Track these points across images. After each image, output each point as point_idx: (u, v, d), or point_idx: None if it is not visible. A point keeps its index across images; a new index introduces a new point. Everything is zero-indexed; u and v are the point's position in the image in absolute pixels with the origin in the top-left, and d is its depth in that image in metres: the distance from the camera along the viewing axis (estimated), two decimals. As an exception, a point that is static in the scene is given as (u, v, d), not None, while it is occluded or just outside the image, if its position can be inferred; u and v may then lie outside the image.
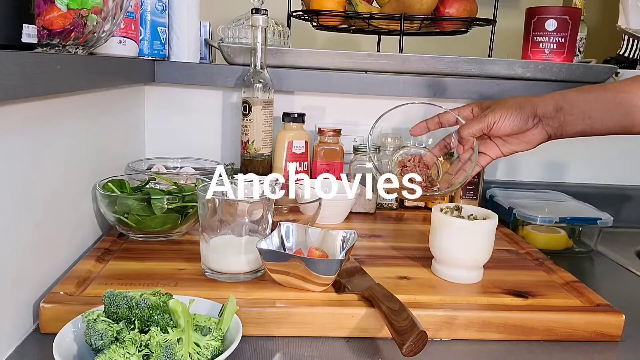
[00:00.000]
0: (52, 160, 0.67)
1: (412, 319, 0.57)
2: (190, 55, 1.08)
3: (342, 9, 1.16)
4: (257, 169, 1.06)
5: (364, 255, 0.81)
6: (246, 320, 0.58)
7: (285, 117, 1.06)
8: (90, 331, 0.50)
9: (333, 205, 0.94)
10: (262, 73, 1.03)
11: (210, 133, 1.16)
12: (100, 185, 0.82)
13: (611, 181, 1.22)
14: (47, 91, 0.59)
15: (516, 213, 0.97)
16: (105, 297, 0.53)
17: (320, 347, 0.60)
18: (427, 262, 0.79)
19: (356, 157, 1.05)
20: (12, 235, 0.57)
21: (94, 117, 0.82)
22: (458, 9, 1.17)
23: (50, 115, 0.66)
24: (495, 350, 0.62)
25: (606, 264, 0.94)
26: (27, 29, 0.53)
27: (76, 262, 0.72)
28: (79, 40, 0.64)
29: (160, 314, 0.51)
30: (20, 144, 0.58)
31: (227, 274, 0.68)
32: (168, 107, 1.14)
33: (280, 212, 0.81)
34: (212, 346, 0.50)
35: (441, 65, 1.11)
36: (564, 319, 0.64)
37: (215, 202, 0.69)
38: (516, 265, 0.80)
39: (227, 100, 1.15)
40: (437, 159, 0.83)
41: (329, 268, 0.64)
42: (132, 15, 0.91)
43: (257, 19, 1.00)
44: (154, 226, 0.80)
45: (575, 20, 1.13)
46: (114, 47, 0.87)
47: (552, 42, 1.13)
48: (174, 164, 1.07)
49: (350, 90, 1.12)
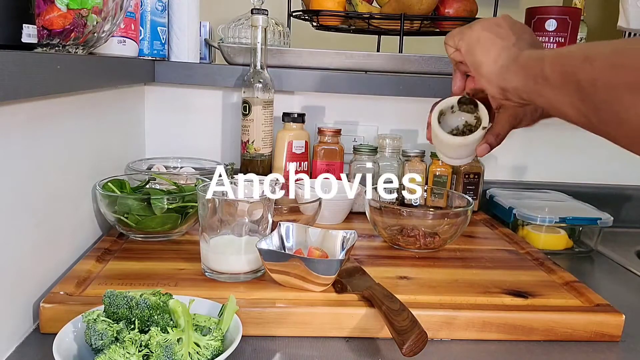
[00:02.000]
0: (52, 160, 0.67)
1: (412, 319, 0.57)
2: (190, 55, 1.08)
3: (342, 9, 1.16)
4: (257, 169, 1.06)
5: (364, 255, 0.81)
6: (246, 320, 0.58)
7: (285, 117, 1.06)
8: (90, 331, 0.50)
9: (333, 205, 0.94)
10: (262, 73, 1.03)
11: (210, 133, 1.16)
12: (100, 185, 0.82)
13: (611, 181, 1.22)
14: (47, 91, 0.59)
15: (516, 213, 0.97)
16: (105, 297, 0.53)
17: (320, 347, 0.60)
18: (428, 262, 0.79)
19: (356, 157, 1.05)
20: (12, 235, 0.57)
21: (94, 117, 0.81)
22: (458, 9, 1.17)
23: (50, 115, 0.66)
24: (495, 350, 0.62)
25: (606, 264, 0.94)
26: (27, 29, 0.53)
27: (76, 262, 0.72)
28: (79, 40, 0.64)
29: (160, 314, 0.51)
30: (20, 144, 0.58)
31: (227, 274, 0.68)
32: (168, 107, 1.14)
33: (280, 212, 0.81)
34: (212, 346, 0.50)
35: (441, 65, 1.11)
36: (563, 319, 0.64)
37: (215, 202, 0.69)
38: (516, 265, 0.80)
39: (227, 100, 1.15)
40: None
41: (329, 268, 0.64)
42: (132, 15, 0.91)
43: (257, 19, 1.00)
44: (154, 226, 0.80)
45: (575, 20, 1.13)
46: (114, 47, 0.87)
47: (552, 42, 1.13)
48: (174, 164, 1.07)
49: (350, 90, 1.12)
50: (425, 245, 0.82)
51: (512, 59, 0.57)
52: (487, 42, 0.61)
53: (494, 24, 0.62)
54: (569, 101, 0.47)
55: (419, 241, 0.82)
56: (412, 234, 0.82)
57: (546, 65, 0.50)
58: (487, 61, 0.60)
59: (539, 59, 0.52)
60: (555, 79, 0.49)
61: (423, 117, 0.85)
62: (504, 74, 0.57)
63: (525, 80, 0.54)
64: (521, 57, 0.56)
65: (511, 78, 0.56)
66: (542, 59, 0.52)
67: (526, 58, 0.55)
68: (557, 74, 0.48)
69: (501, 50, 0.59)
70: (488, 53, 0.60)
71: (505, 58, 0.58)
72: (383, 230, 0.85)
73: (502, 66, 0.58)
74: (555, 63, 0.50)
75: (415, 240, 0.82)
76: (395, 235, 0.83)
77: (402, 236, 0.83)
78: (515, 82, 0.56)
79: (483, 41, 0.61)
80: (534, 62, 0.53)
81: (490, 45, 0.60)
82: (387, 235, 0.85)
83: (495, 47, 0.60)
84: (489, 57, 0.59)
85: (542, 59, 0.52)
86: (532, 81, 0.52)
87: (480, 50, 0.61)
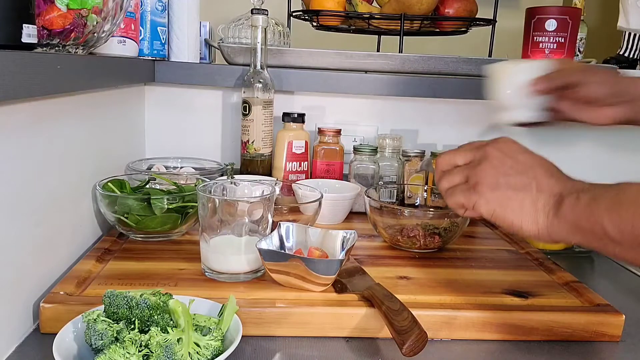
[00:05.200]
0: (52, 160, 0.67)
1: (412, 319, 0.57)
2: (190, 55, 1.08)
3: (342, 9, 1.16)
4: (257, 169, 1.06)
5: (364, 255, 0.81)
6: (246, 320, 0.58)
7: (285, 117, 1.06)
8: (90, 331, 0.50)
9: (333, 205, 0.94)
10: (262, 73, 1.03)
11: (210, 133, 1.16)
12: (100, 185, 0.82)
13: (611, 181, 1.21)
14: (47, 91, 0.59)
15: (516, 213, 0.97)
16: (105, 297, 0.53)
17: (320, 347, 0.60)
18: (428, 262, 0.79)
19: (356, 157, 1.05)
20: (12, 236, 0.57)
21: (94, 117, 0.81)
22: (458, 9, 1.17)
23: (50, 115, 0.66)
24: (495, 350, 0.62)
25: (606, 264, 0.94)
26: (27, 29, 0.53)
27: (76, 262, 0.72)
28: (79, 40, 0.64)
29: (160, 314, 0.51)
30: (20, 144, 0.58)
31: (227, 274, 0.68)
32: (168, 107, 1.14)
33: (280, 212, 0.81)
34: (212, 346, 0.50)
35: (441, 65, 1.11)
36: (563, 319, 0.64)
37: (215, 202, 0.69)
38: (516, 265, 0.80)
39: (227, 100, 1.15)
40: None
41: (329, 268, 0.64)
42: (132, 15, 0.91)
43: (257, 19, 1.00)
44: (154, 226, 0.80)
45: (575, 20, 1.13)
46: (114, 47, 0.87)
47: (552, 42, 1.13)
48: (174, 164, 1.07)
49: (350, 90, 1.12)
50: (425, 245, 0.82)
51: (553, 212, 0.53)
52: (511, 204, 0.55)
53: (497, 173, 0.57)
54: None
55: (419, 241, 0.82)
56: (412, 234, 0.82)
57: (606, 222, 0.47)
58: (526, 226, 0.55)
59: (590, 212, 0.49)
60: (621, 239, 0.46)
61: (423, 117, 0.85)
62: (551, 231, 0.53)
63: (583, 238, 0.51)
64: (563, 210, 0.52)
65: (563, 235, 0.53)
66: (595, 212, 0.48)
67: (570, 212, 0.51)
68: (624, 235, 0.46)
69: (532, 207, 0.54)
70: (521, 217, 0.55)
71: (544, 217, 0.54)
72: (383, 230, 0.85)
73: (546, 225, 0.53)
74: (615, 219, 0.46)
75: (415, 240, 0.82)
76: (395, 235, 0.83)
77: (402, 236, 0.83)
78: (570, 239, 0.52)
79: (507, 203, 0.56)
80: (584, 218, 0.50)
81: (517, 205, 0.55)
82: (387, 235, 0.85)
83: (523, 206, 0.55)
84: (527, 222, 0.55)
85: (596, 212, 0.48)
86: (593, 239, 0.49)
87: (510, 215, 0.56)
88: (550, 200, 0.54)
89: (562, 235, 0.53)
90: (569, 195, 0.53)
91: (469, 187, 0.59)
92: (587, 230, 0.50)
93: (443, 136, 1.17)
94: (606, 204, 0.49)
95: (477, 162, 0.59)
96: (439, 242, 0.82)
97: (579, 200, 0.51)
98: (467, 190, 0.59)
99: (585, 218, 0.50)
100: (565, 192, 0.54)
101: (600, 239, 0.49)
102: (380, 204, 0.86)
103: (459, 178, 0.60)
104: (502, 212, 0.56)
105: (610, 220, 0.47)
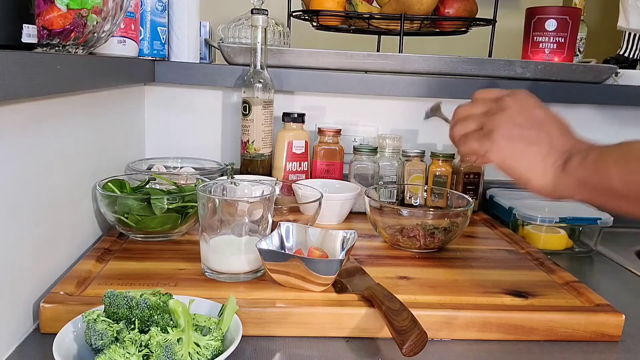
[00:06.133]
0: (52, 160, 0.67)
1: (412, 319, 0.57)
2: (190, 55, 1.08)
3: (342, 9, 1.16)
4: (257, 169, 1.06)
5: (364, 255, 0.81)
6: (246, 320, 0.58)
7: (285, 117, 1.06)
8: (90, 331, 0.50)
9: (333, 205, 0.94)
10: (262, 73, 1.03)
11: (210, 133, 1.16)
12: (100, 185, 0.82)
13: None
14: (47, 91, 0.59)
15: (516, 213, 0.97)
16: (105, 297, 0.53)
17: (320, 347, 0.60)
18: (428, 262, 0.79)
19: (356, 157, 1.05)
20: (12, 235, 0.57)
21: (94, 117, 0.81)
22: (458, 9, 1.17)
23: (50, 115, 0.66)
24: (495, 350, 0.62)
25: (606, 264, 0.93)
26: (27, 29, 0.53)
27: (76, 262, 0.72)
28: (79, 40, 0.64)
29: (160, 314, 0.51)
30: (21, 143, 0.58)
31: (227, 274, 0.68)
32: (168, 107, 1.14)
33: (280, 212, 0.81)
34: (212, 346, 0.50)
35: (441, 65, 1.11)
36: (564, 319, 0.64)
37: (215, 202, 0.69)
38: (516, 265, 0.80)
39: (227, 100, 1.15)
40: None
41: (329, 268, 0.64)
42: (132, 15, 0.91)
43: (257, 19, 1.00)
44: (154, 226, 0.80)
45: (575, 20, 1.13)
46: (114, 47, 0.87)
47: (552, 42, 1.13)
48: (174, 164, 1.07)
49: (350, 90, 1.12)
50: (425, 245, 0.82)
51: (561, 168, 0.54)
52: (523, 155, 0.57)
53: (513, 124, 0.58)
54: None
55: (419, 241, 0.82)
56: (412, 234, 0.82)
57: (613, 175, 0.47)
58: (534, 179, 0.56)
59: (597, 167, 0.49)
60: (627, 191, 0.46)
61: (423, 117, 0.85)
62: (558, 186, 0.54)
63: (588, 194, 0.51)
64: (571, 166, 0.53)
65: (569, 191, 0.54)
66: (602, 167, 0.49)
67: (578, 167, 0.52)
68: (630, 187, 0.46)
69: (542, 161, 0.55)
70: (530, 170, 0.56)
71: (552, 172, 0.55)
72: (383, 230, 0.85)
73: (553, 180, 0.55)
74: (622, 172, 0.47)
75: (416, 240, 0.82)
76: (396, 235, 0.83)
77: (402, 236, 0.83)
78: (575, 195, 0.53)
79: (519, 154, 0.57)
80: (591, 173, 0.50)
81: (529, 158, 0.56)
82: (387, 235, 0.85)
83: (534, 160, 0.56)
84: (535, 175, 0.56)
85: (603, 167, 0.49)
86: (598, 194, 0.50)
87: (519, 166, 0.57)
88: (560, 157, 0.55)
89: (568, 191, 0.54)
90: (578, 153, 0.54)
91: (483, 134, 0.60)
92: (593, 185, 0.51)
93: (443, 136, 1.16)
94: (613, 158, 0.50)
95: (494, 112, 0.60)
96: (439, 242, 0.82)
97: (587, 157, 0.53)
98: (481, 137, 0.60)
99: (592, 173, 0.51)
100: (574, 150, 0.55)
101: (605, 193, 0.50)
102: (380, 204, 0.86)
103: (474, 125, 0.62)
104: (513, 163, 0.58)
105: (618, 172, 0.48)
